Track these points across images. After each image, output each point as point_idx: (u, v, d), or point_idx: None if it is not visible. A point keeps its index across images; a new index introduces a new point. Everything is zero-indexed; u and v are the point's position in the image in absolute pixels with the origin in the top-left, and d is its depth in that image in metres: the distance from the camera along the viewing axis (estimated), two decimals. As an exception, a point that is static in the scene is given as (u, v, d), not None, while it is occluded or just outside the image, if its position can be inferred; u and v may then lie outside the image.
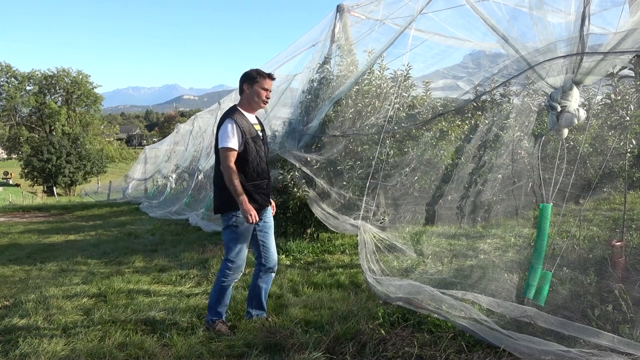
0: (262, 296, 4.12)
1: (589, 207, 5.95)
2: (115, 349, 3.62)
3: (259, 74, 3.91)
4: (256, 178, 3.88)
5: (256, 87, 3.90)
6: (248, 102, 3.96)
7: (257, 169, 3.87)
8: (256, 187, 3.88)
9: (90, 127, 61.76)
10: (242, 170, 3.81)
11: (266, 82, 3.92)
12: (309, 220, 7.04)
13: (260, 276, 4.09)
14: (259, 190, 3.91)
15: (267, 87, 3.92)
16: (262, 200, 3.94)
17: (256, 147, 3.86)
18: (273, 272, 4.14)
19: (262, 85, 3.90)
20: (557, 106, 3.28)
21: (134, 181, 28.06)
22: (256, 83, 3.90)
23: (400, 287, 4.08)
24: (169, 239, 9.16)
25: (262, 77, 3.90)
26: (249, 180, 3.84)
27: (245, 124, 3.84)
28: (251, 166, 3.83)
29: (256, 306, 4.13)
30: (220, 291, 3.96)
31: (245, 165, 3.81)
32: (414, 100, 6.68)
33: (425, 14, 5.62)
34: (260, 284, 4.09)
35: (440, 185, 6.10)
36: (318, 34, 7.59)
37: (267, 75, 3.94)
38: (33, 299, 5.00)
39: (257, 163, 3.86)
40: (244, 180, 3.81)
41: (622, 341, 2.74)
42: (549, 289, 3.29)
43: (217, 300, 3.97)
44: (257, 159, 3.86)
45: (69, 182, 50.88)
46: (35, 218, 17.26)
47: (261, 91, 3.90)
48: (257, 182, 3.88)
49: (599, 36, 3.56)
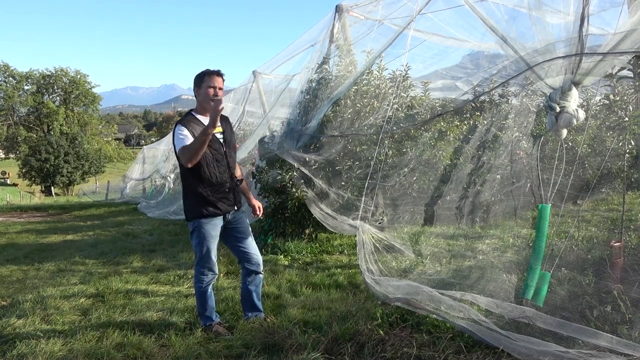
0: (254, 298, 4.12)
1: (587, 208, 5.96)
2: (113, 349, 3.61)
3: (205, 74, 3.77)
4: (214, 183, 3.79)
5: (203, 87, 3.74)
6: (201, 105, 3.82)
7: (214, 173, 3.77)
8: (215, 192, 3.80)
9: (88, 126, 61.67)
10: (197, 176, 3.74)
11: (213, 80, 3.73)
12: (308, 220, 7.03)
13: (247, 280, 4.09)
14: (219, 195, 3.82)
15: (214, 85, 3.72)
16: (224, 206, 3.85)
17: (212, 150, 3.74)
18: (259, 274, 4.12)
19: (208, 84, 3.72)
20: (556, 107, 3.28)
21: (132, 181, 28.01)
22: (203, 83, 3.75)
23: (399, 287, 4.07)
24: (167, 239, 9.15)
25: (208, 76, 3.74)
26: (207, 186, 3.76)
27: (197, 127, 3.71)
28: (207, 171, 3.74)
29: (250, 309, 4.13)
30: (201, 297, 3.97)
31: (200, 170, 3.72)
32: (412, 101, 6.68)
33: (424, 14, 5.61)
34: (250, 287, 4.09)
35: (438, 185, 6.10)
36: (317, 34, 7.59)
37: (214, 73, 3.76)
38: (30, 299, 4.99)
39: (214, 167, 3.77)
40: (201, 187, 3.75)
41: (621, 342, 2.74)
42: (548, 290, 3.29)
43: (202, 306, 3.99)
44: (213, 163, 3.76)
45: (67, 182, 50.83)
46: (33, 218, 17.23)
47: (209, 90, 3.72)
48: (216, 187, 3.80)
49: (598, 37, 3.56)
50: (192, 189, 3.83)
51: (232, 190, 3.91)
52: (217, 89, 3.73)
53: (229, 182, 3.87)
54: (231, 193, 3.90)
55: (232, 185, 3.91)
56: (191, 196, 3.86)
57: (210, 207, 3.79)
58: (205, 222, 3.83)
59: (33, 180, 51.15)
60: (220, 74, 3.78)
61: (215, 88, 3.73)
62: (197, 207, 3.81)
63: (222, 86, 3.78)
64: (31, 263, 7.41)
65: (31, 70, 58.77)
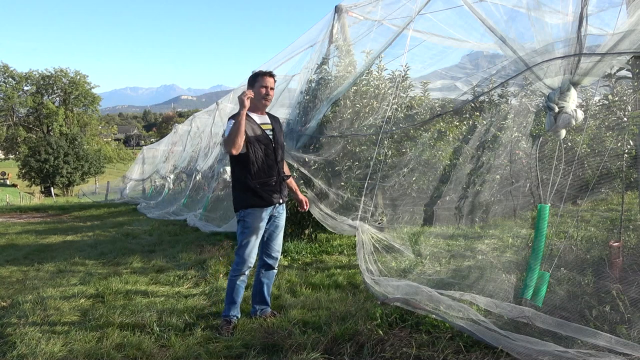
0: (265, 291, 4.28)
1: (586, 208, 5.96)
2: (113, 349, 3.62)
3: (258, 74, 4.09)
4: (262, 176, 4.01)
5: (256, 87, 4.04)
6: (254, 103, 4.07)
7: (262, 167, 4.01)
8: (262, 185, 4.02)
9: (88, 127, 61.58)
10: (246, 169, 3.99)
11: (265, 80, 4.05)
12: (307, 220, 7.04)
13: (261, 272, 4.28)
14: (266, 187, 4.04)
15: (266, 85, 4.04)
16: (269, 198, 4.05)
17: (260, 145, 3.99)
18: (273, 269, 4.30)
19: (261, 84, 4.04)
20: (555, 107, 3.29)
21: (132, 182, 28.02)
22: (256, 83, 4.06)
23: (398, 287, 4.08)
24: (167, 240, 9.15)
25: (261, 77, 4.06)
26: (255, 179, 3.99)
27: (248, 124, 3.94)
28: (255, 165, 3.98)
29: (259, 301, 4.29)
30: (229, 286, 4.11)
31: (249, 164, 3.97)
32: (412, 101, 6.69)
33: (424, 14, 5.61)
34: (262, 279, 4.28)
35: (438, 185, 6.10)
36: (316, 35, 7.59)
37: (266, 74, 4.08)
38: (30, 299, 5.00)
39: (262, 161, 4.00)
40: (249, 179, 3.97)
41: (620, 341, 2.74)
42: (547, 290, 3.30)
43: (228, 296, 4.12)
44: (261, 158, 4.00)
45: (67, 182, 50.74)
46: (33, 219, 17.22)
47: (261, 89, 4.03)
48: (263, 180, 4.02)
49: (597, 37, 3.56)
50: (240, 181, 4.06)
51: (278, 184, 4.12)
52: (268, 89, 4.06)
53: (275, 177, 4.08)
54: (277, 186, 4.11)
55: (279, 179, 4.13)
56: (239, 188, 4.09)
57: (256, 199, 4.02)
58: (250, 212, 4.03)
59: (32, 181, 51.07)
60: (272, 75, 4.12)
61: (267, 87, 4.05)
62: (245, 198, 4.05)
63: (273, 86, 4.10)
64: (31, 264, 7.41)
65: (31, 71, 58.64)
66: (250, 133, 3.95)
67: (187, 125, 19.29)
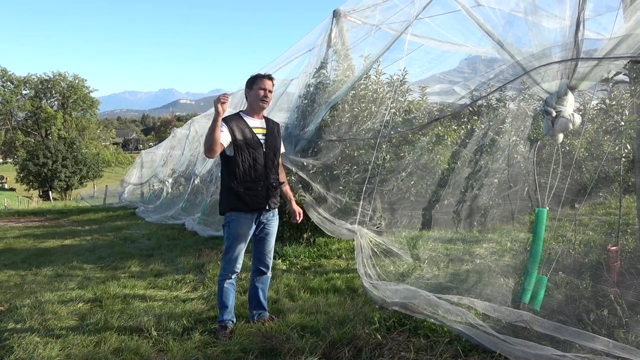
0: (260, 296, 4.24)
1: (584, 212, 5.97)
2: (110, 354, 3.61)
3: (257, 77, 4.02)
4: (248, 180, 3.92)
5: (254, 89, 3.99)
6: (250, 106, 4.06)
7: (249, 171, 3.91)
8: (248, 190, 3.92)
9: (86, 131, 61.55)
10: (232, 172, 3.91)
11: (263, 82, 3.98)
12: (306, 224, 7.03)
13: (255, 278, 4.24)
14: (251, 192, 3.93)
15: (264, 87, 3.98)
16: (253, 203, 3.95)
17: (249, 149, 3.91)
18: (266, 274, 4.25)
19: (259, 86, 3.98)
20: (552, 111, 3.30)
21: (130, 186, 27.97)
22: (254, 85, 4.00)
23: (397, 291, 4.08)
24: (165, 244, 9.13)
25: (260, 79, 3.99)
26: (240, 183, 3.90)
27: (239, 125, 3.91)
28: (242, 168, 3.89)
29: (256, 306, 4.25)
30: (218, 289, 4.09)
31: (235, 167, 3.89)
32: (410, 105, 6.71)
33: (421, 19, 5.63)
34: (257, 285, 4.23)
35: (436, 189, 6.11)
36: (314, 39, 7.61)
37: (265, 76, 4.01)
38: (28, 304, 4.98)
39: (249, 165, 3.91)
40: (234, 183, 3.90)
41: (617, 345, 2.75)
42: (545, 294, 3.30)
43: (218, 300, 4.09)
44: (249, 162, 3.91)
45: (65, 186, 50.70)
46: (31, 222, 17.19)
47: (259, 91, 3.98)
48: (249, 185, 3.92)
49: (594, 41, 3.58)
50: (226, 185, 3.99)
51: (265, 190, 4.01)
52: (267, 91, 3.99)
53: (263, 182, 3.98)
54: (264, 192, 4.00)
55: (267, 185, 4.01)
56: (225, 190, 4.02)
57: (240, 203, 3.93)
58: (235, 217, 3.96)
59: (31, 184, 51.01)
60: (270, 78, 4.03)
61: (265, 90, 3.98)
62: (229, 201, 3.97)
63: (271, 89, 4.03)
64: (29, 268, 7.39)
65: (29, 75, 58.68)
66: (239, 136, 3.87)
67: (186, 129, 19.28)
